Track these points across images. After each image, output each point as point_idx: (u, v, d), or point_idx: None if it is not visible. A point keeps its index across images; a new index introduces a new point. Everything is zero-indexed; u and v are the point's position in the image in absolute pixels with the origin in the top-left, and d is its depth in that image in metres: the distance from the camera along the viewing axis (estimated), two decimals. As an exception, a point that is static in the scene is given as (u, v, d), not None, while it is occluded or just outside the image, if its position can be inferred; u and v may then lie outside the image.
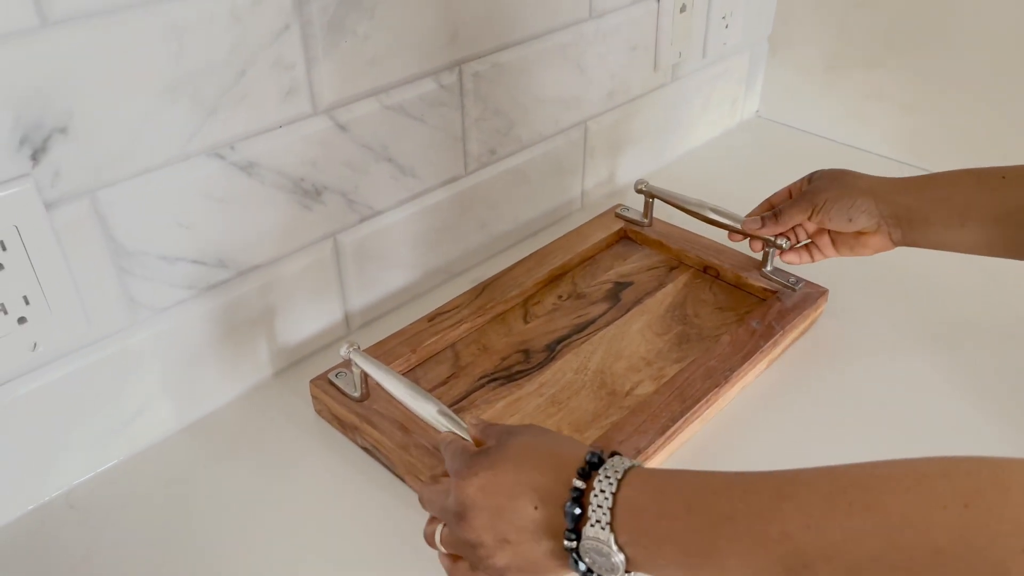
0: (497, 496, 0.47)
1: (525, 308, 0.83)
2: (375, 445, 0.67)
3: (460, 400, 0.72)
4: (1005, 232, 0.65)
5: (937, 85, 1.02)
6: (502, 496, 0.47)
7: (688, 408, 0.67)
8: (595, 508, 0.44)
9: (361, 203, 0.75)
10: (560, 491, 0.45)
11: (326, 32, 0.65)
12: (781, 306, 0.78)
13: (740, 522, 0.40)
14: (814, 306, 0.79)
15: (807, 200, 0.74)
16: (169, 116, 0.59)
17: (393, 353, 0.74)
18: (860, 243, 0.74)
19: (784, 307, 0.78)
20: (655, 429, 0.65)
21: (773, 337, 0.75)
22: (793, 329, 0.77)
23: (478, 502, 0.48)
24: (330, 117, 0.69)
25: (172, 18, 0.57)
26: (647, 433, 0.65)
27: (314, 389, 0.71)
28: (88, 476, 0.66)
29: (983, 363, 0.77)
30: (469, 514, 0.48)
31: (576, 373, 0.75)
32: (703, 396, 0.68)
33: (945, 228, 0.68)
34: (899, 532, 0.35)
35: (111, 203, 0.59)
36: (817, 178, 0.76)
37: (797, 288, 0.81)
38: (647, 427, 0.65)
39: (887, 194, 0.71)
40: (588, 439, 0.67)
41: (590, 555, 0.44)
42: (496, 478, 0.48)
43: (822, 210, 0.73)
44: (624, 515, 0.43)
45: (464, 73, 0.78)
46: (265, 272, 0.71)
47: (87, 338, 0.62)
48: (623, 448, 0.64)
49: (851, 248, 0.75)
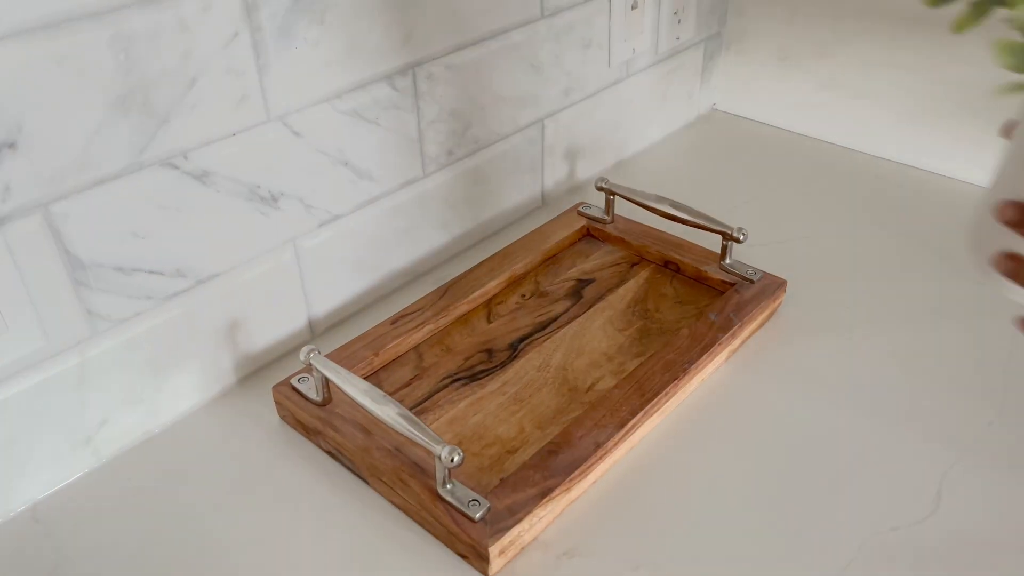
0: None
1: (488, 308, 0.83)
2: (338, 448, 0.67)
3: (423, 401, 0.72)
4: None
5: (885, 72, 1.04)
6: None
7: (647, 402, 0.68)
8: None
9: (319, 208, 0.76)
10: None
11: (276, 38, 0.66)
12: (740, 298, 0.80)
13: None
14: (772, 297, 0.81)
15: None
16: (120, 127, 0.60)
17: (356, 356, 0.74)
18: None
19: (742, 299, 0.80)
20: (614, 423, 0.66)
21: (731, 329, 0.76)
22: (752, 321, 0.78)
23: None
24: (284, 123, 0.69)
25: (119, 29, 0.57)
26: (606, 427, 0.66)
27: (277, 395, 0.71)
28: (53, 490, 0.66)
29: (943, 346, 0.78)
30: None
31: (538, 371, 0.75)
32: (662, 389, 0.69)
33: None
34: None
35: (64, 216, 0.59)
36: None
37: (756, 280, 0.82)
38: (606, 421, 0.66)
39: None
40: (549, 435, 0.68)
41: None
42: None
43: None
44: None
45: (418, 75, 0.78)
46: (225, 280, 0.71)
47: (45, 352, 0.62)
48: (583, 442, 0.65)
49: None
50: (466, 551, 0.60)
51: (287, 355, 0.79)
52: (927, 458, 0.67)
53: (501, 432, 0.69)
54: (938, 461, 0.67)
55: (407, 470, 0.63)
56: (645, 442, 0.69)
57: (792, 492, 0.65)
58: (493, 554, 0.58)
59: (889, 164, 1.07)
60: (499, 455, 0.67)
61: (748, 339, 0.80)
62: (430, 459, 0.63)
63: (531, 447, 0.67)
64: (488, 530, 0.58)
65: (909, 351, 0.78)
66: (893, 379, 0.75)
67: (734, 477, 0.66)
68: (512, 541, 0.59)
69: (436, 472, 0.60)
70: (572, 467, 0.63)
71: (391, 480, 0.63)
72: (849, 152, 1.10)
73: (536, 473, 0.62)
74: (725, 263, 0.84)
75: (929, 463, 0.67)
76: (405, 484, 0.62)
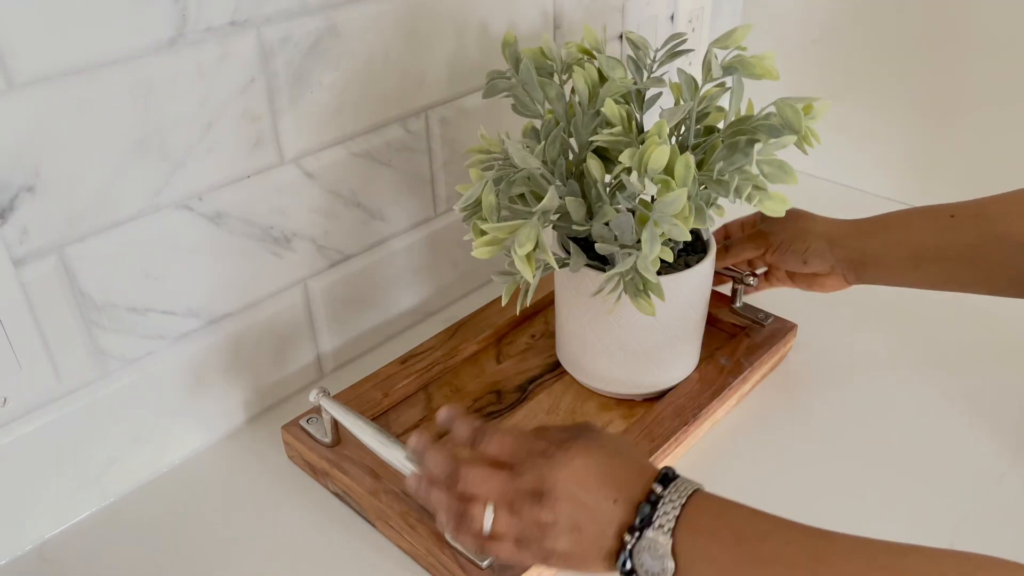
0: (587, 482, 0.50)
1: (498, 348, 0.84)
2: (346, 491, 0.67)
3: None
4: (956, 270, 0.67)
5: (893, 116, 1.05)
6: (592, 483, 0.50)
7: (657, 447, 0.68)
8: (662, 514, 0.48)
9: (331, 248, 0.76)
10: (637, 492, 0.50)
11: (291, 84, 0.67)
12: (750, 342, 0.79)
13: (777, 569, 0.45)
14: (783, 341, 0.80)
15: (761, 238, 0.76)
16: (137, 170, 0.60)
17: (365, 397, 0.74)
18: (816, 283, 0.77)
19: (753, 343, 0.79)
20: None
21: (742, 373, 0.76)
22: (762, 365, 0.78)
23: (568, 485, 0.50)
24: (297, 166, 0.70)
25: (139, 76, 0.58)
26: None
27: (286, 435, 0.71)
28: (61, 529, 0.66)
29: (952, 391, 0.78)
30: (554, 494, 0.50)
31: (547, 413, 0.75)
32: (672, 434, 0.69)
33: (899, 270, 0.70)
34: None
35: (79, 257, 0.60)
36: (770, 220, 0.77)
37: (766, 324, 0.82)
38: None
39: (841, 238, 0.73)
40: None
41: (641, 556, 0.48)
42: (590, 464, 0.51)
43: (777, 250, 0.75)
44: (684, 528, 0.48)
45: (430, 118, 0.79)
46: (236, 320, 0.71)
47: (57, 392, 0.62)
48: None
49: (808, 285, 0.78)
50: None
51: (296, 394, 0.79)
52: (940, 509, 0.66)
53: (510, 476, 0.69)
54: (951, 512, 0.66)
55: (415, 515, 0.63)
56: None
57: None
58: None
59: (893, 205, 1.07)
60: (507, 500, 0.67)
61: (759, 383, 0.79)
62: (438, 504, 0.62)
63: (540, 492, 0.67)
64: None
65: (920, 398, 0.77)
66: (903, 425, 0.75)
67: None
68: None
69: None
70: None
71: (399, 525, 0.63)
72: (853, 191, 1.10)
73: (545, 520, 0.62)
74: (736, 306, 0.84)
75: (943, 513, 0.66)
76: (413, 529, 0.62)
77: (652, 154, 0.58)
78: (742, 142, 0.63)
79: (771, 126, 0.63)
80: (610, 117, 0.64)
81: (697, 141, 0.67)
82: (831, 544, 0.45)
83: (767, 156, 0.61)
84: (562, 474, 0.50)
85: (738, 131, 0.65)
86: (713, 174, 0.64)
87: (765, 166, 0.61)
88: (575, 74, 0.67)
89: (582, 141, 0.68)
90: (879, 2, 1.01)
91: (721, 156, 0.64)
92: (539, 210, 0.60)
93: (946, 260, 0.67)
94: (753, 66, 0.63)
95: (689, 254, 0.73)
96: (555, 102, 0.69)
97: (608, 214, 0.63)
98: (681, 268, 0.70)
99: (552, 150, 0.66)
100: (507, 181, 0.64)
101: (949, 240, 0.67)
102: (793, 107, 0.61)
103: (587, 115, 0.68)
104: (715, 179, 0.64)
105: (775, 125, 0.63)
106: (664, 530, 0.48)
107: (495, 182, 0.63)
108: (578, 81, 0.67)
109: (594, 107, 0.67)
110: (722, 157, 0.64)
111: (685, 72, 0.66)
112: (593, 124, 0.68)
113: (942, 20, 0.97)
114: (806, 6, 1.07)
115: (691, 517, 0.48)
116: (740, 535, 0.47)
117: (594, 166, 0.64)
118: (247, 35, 0.63)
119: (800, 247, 0.73)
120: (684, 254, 0.73)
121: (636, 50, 0.69)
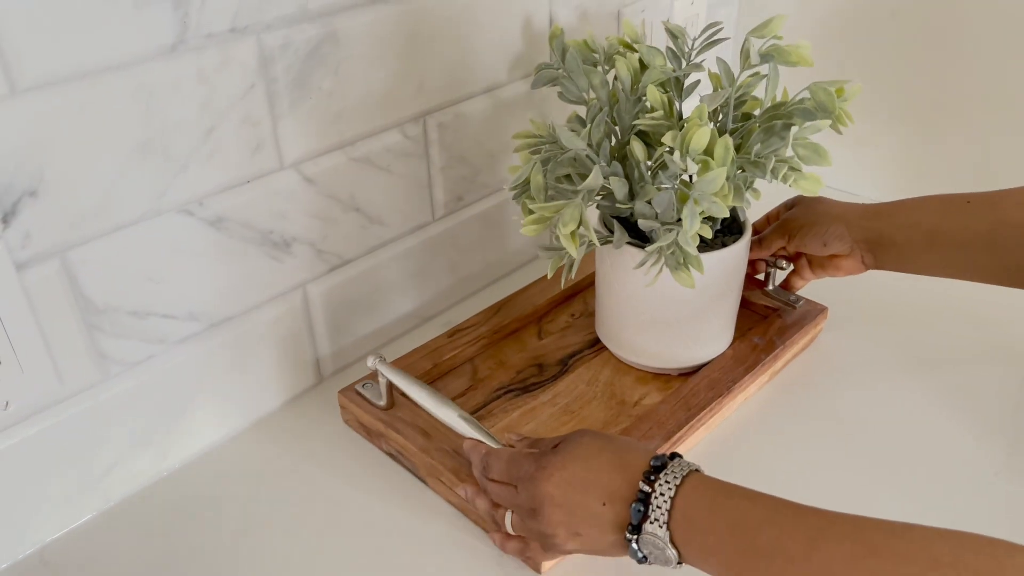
0: (570, 493, 0.54)
1: (539, 326, 0.87)
2: (400, 450, 0.70)
3: (479, 409, 0.77)
4: (970, 256, 0.69)
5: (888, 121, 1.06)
6: (575, 493, 0.54)
7: (693, 416, 0.71)
8: (655, 508, 0.51)
9: (330, 252, 0.77)
10: (626, 491, 0.52)
11: (291, 89, 0.67)
12: (782, 323, 0.82)
13: (775, 561, 0.47)
14: (813, 323, 0.83)
15: (784, 227, 0.79)
16: (139, 175, 0.61)
17: (415, 366, 0.78)
18: (833, 265, 0.78)
19: (785, 324, 0.82)
20: (661, 435, 0.69)
21: (774, 351, 0.78)
22: (793, 344, 0.81)
23: (554, 498, 0.54)
24: (297, 171, 0.71)
25: (141, 81, 0.59)
26: (654, 439, 0.69)
27: (342, 399, 0.75)
28: (62, 532, 0.67)
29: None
30: (545, 510, 0.55)
31: (588, 385, 0.79)
32: (707, 405, 0.72)
33: (914, 252, 0.72)
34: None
35: (81, 262, 0.60)
36: (794, 205, 0.80)
37: (797, 306, 0.84)
38: (653, 433, 0.69)
39: (857, 219, 0.75)
40: None
41: (647, 547, 0.52)
42: (568, 476, 0.54)
43: (798, 235, 0.77)
44: (679, 520, 0.50)
45: (428, 124, 0.80)
46: (236, 323, 0.72)
47: (59, 395, 0.63)
48: None
49: (825, 269, 0.80)
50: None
51: (295, 397, 0.80)
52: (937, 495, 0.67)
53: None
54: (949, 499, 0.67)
55: (465, 470, 0.65)
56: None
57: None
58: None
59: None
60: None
61: (790, 362, 0.82)
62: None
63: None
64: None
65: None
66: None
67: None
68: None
69: None
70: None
71: (450, 480, 0.66)
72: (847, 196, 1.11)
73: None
74: (768, 289, 0.86)
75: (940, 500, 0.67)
76: (463, 483, 0.65)
77: (694, 135, 0.62)
78: (778, 126, 0.67)
79: (805, 109, 0.67)
80: (652, 102, 0.68)
81: (735, 126, 0.71)
82: (827, 527, 0.47)
83: (802, 139, 0.66)
84: (545, 490, 0.55)
85: (774, 116, 0.68)
86: (751, 156, 0.68)
87: (800, 148, 0.67)
88: (618, 63, 0.71)
89: (625, 125, 0.72)
90: (873, 7, 1.02)
91: (758, 139, 0.68)
92: (584, 188, 0.65)
93: (960, 245, 0.69)
94: (789, 54, 0.66)
95: (726, 235, 0.76)
96: (599, 89, 0.73)
97: (650, 192, 0.66)
98: (719, 248, 0.73)
99: (597, 133, 0.69)
100: (554, 162, 0.68)
101: (964, 224, 0.68)
102: (827, 90, 0.65)
103: (630, 101, 0.71)
104: (752, 161, 0.68)
105: (809, 108, 0.66)
106: (659, 524, 0.50)
107: (543, 163, 0.68)
108: (621, 69, 0.71)
109: (636, 94, 0.71)
110: (759, 140, 0.68)
111: (723, 61, 0.70)
112: (635, 109, 0.72)
113: (936, 26, 0.98)
114: (800, 12, 1.08)
115: (684, 509, 0.50)
116: (735, 526, 0.49)
117: (637, 148, 0.67)
118: (247, 41, 0.63)
119: (820, 230, 0.76)
120: (721, 234, 0.76)
121: (674, 39, 0.73)
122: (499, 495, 0.60)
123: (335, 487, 0.70)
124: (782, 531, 0.47)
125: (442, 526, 0.67)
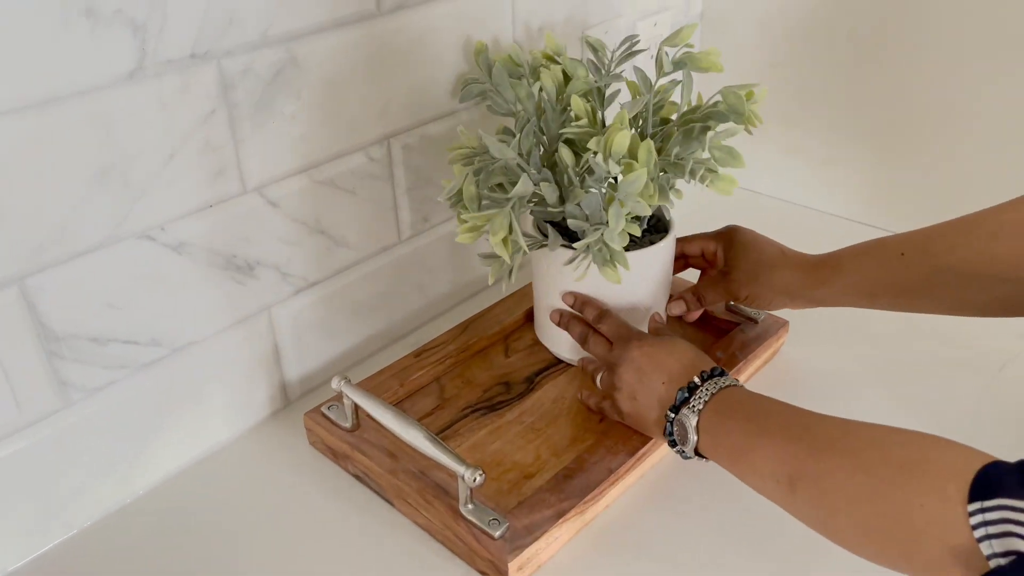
0: (645, 363, 0.68)
1: (506, 344, 0.87)
2: (365, 471, 0.71)
3: (445, 429, 0.77)
4: (910, 302, 0.72)
5: (851, 139, 1.08)
6: (648, 365, 0.68)
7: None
8: (696, 399, 0.63)
9: (296, 275, 0.77)
10: (683, 381, 0.65)
11: (253, 113, 0.68)
12: (744, 337, 0.83)
13: (776, 438, 0.57)
14: (775, 337, 0.84)
15: (726, 291, 0.81)
16: (99, 202, 0.61)
17: (383, 387, 0.78)
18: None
19: (746, 338, 0.83)
20: (625, 451, 0.70)
21: (736, 365, 0.79)
22: (755, 358, 0.82)
23: (634, 361, 0.68)
24: (260, 194, 0.71)
25: (99, 108, 0.59)
26: (618, 455, 0.70)
27: (308, 421, 0.75)
28: (24, 561, 0.66)
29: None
30: (622, 367, 0.69)
31: (554, 403, 0.79)
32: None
33: (855, 306, 0.76)
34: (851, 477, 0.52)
35: (40, 289, 0.60)
36: (731, 255, 0.80)
37: (759, 320, 0.85)
38: (618, 449, 0.70)
39: (799, 290, 0.77)
40: (565, 462, 0.72)
41: (677, 426, 0.64)
42: (651, 351, 0.68)
43: (743, 302, 0.81)
44: (710, 410, 0.62)
45: (393, 146, 0.80)
46: (200, 348, 0.72)
47: (18, 423, 0.62)
48: (596, 468, 0.69)
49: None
50: (486, 567, 0.63)
51: (261, 422, 0.79)
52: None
53: (519, 458, 0.73)
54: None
55: (431, 491, 0.66)
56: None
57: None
58: (512, 569, 0.61)
59: (852, 225, 1.10)
60: (517, 480, 0.70)
61: (752, 376, 0.83)
62: (453, 481, 0.65)
63: (547, 472, 0.71)
64: (507, 547, 0.61)
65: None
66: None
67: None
68: (530, 559, 0.62)
69: (459, 492, 0.64)
70: (586, 490, 0.67)
71: (416, 501, 0.66)
72: (816, 213, 1.13)
73: (552, 496, 0.66)
74: (731, 305, 0.87)
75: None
76: (429, 504, 0.65)
77: (615, 139, 0.66)
78: (696, 129, 0.72)
79: (719, 112, 0.72)
80: (577, 112, 0.72)
81: (655, 131, 0.75)
82: (822, 420, 0.57)
83: (717, 143, 0.72)
84: (632, 354, 0.68)
85: (690, 119, 0.73)
86: (671, 158, 0.72)
87: (716, 151, 0.72)
88: (543, 75, 0.75)
89: (553, 134, 0.75)
90: (831, 29, 1.04)
91: (677, 143, 0.73)
92: (514, 195, 0.68)
93: (899, 294, 0.72)
94: (700, 60, 0.72)
95: (653, 233, 0.80)
96: (525, 101, 0.76)
97: (579, 195, 0.70)
98: (647, 246, 0.77)
99: (526, 142, 0.72)
100: (486, 172, 0.71)
101: (901, 277, 0.71)
102: (736, 93, 0.71)
103: (556, 111, 0.76)
104: (672, 162, 0.72)
105: (722, 111, 0.72)
106: (694, 410, 0.62)
107: (475, 173, 0.71)
108: (546, 81, 0.75)
109: (561, 104, 0.76)
110: (678, 143, 0.73)
111: (640, 69, 0.74)
112: (562, 119, 0.76)
113: (891, 44, 1.00)
114: (762, 32, 1.10)
115: (718, 402, 0.62)
116: (751, 414, 0.60)
117: (566, 154, 0.71)
118: (208, 67, 0.63)
119: (764, 301, 0.79)
120: (650, 233, 0.80)
121: (595, 52, 0.78)
122: (596, 344, 0.74)
123: (301, 511, 0.70)
124: (788, 419, 0.58)
125: (408, 547, 0.67)
